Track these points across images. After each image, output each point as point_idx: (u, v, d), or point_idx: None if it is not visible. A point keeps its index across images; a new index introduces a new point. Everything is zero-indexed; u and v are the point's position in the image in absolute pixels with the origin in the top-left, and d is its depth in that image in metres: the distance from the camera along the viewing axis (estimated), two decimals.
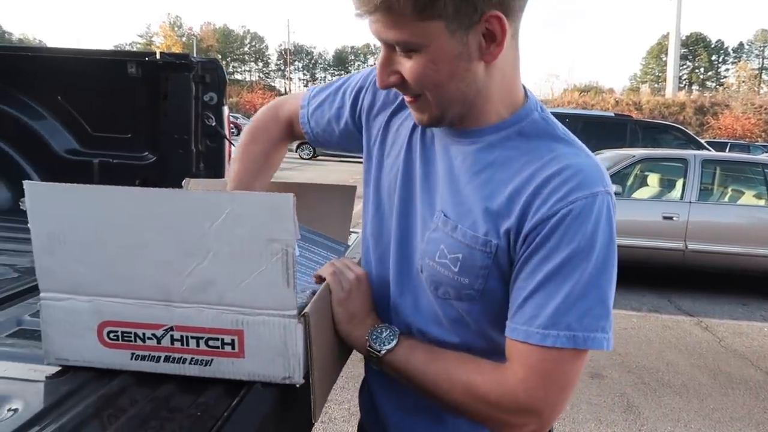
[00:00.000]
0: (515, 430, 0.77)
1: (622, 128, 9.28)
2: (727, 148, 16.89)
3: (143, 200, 0.74)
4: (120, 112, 2.24)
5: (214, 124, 2.18)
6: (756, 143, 21.82)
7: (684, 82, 57.75)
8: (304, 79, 74.90)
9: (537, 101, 0.83)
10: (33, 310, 1.06)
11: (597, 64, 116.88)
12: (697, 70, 62.42)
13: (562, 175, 0.73)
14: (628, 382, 3.56)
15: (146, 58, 2.15)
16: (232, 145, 2.30)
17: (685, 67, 59.43)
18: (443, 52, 0.71)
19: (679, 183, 5.68)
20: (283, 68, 72.81)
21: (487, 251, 0.77)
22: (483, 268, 0.77)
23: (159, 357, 0.76)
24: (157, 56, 2.15)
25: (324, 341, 0.82)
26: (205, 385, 0.75)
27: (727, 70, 61.57)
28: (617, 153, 6.34)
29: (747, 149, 18.28)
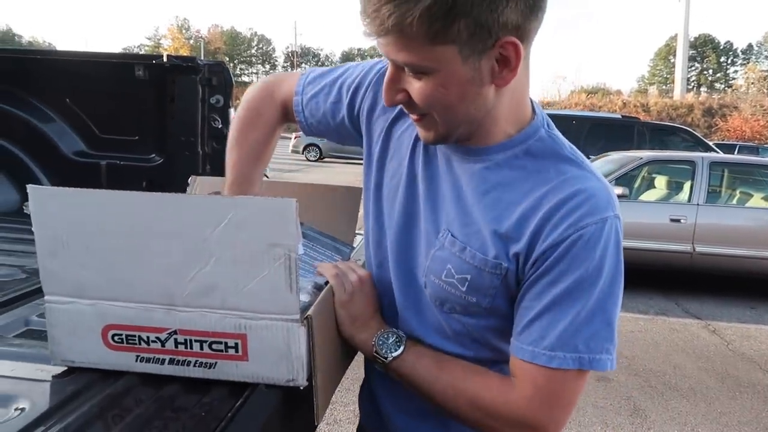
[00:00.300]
0: None
1: (629, 130, 9.25)
2: (736, 151, 16.78)
3: (146, 205, 0.74)
4: (127, 115, 2.25)
5: (220, 126, 2.19)
6: (765, 145, 21.66)
7: (692, 84, 57.46)
8: None
9: (543, 117, 0.82)
10: (40, 311, 1.07)
11: (604, 65, 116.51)
12: (705, 72, 62.09)
13: (573, 201, 0.73)
14: (634, 385, 3.54)
15: (153, 61, 2.17)
16: None
17: (693, 68, 59.13)
18: (454, 77, 0.70)
19: (687, 185, 5.66)
20: (289, 70, 72.87)
21: (496, 273, 0.77)
22: (491, 288, 0.78)
23: (164, 359, 0.77)
24: (165, 59, 2.16)
25: (327, 343, 0.82)
26: (209, 386, 0.76)
27: (735, 71, 61.21)
28: (624, 155, 6.32)
29: (756, 151, 18.15)
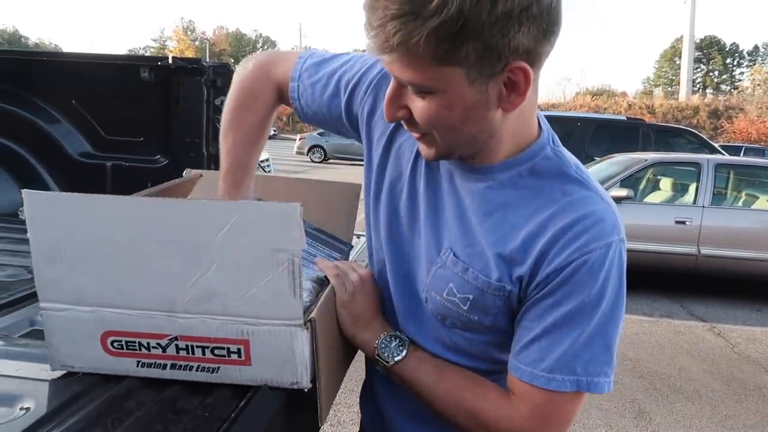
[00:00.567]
0: None
1: (634, 132, 9.20)
2: (742, 152, 16.71)
3: (147, 210, 0.72)
4: (133, 116, 2.26)
5: None
6: None
7: (698, 86, 57.23)
8: None
9: (550, 134, 0.80)
10: None
11: (609, 67, 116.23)
12: (711, 74, 61.86)
13: (579, 225, 0.72)
14: (639, 387, 3.53)
15: (159, 63, 2.18)
16: None
17: (699, 70, 58.91)
18: (459, 99, 0.67)
19: (692, 187, 5.64)
20: None
21: (499, 295, 0.76)
22: (494, 308, 0.78)
23: (165, 365, 0.76)
24: (170, 61, 2.17)
25: (330, 345, 0.82)
26: (212, 387, 0.76)
27: (741, 73, 60.94)
28: (629, 157, 6.30)
29: (762, 153, 18.08)
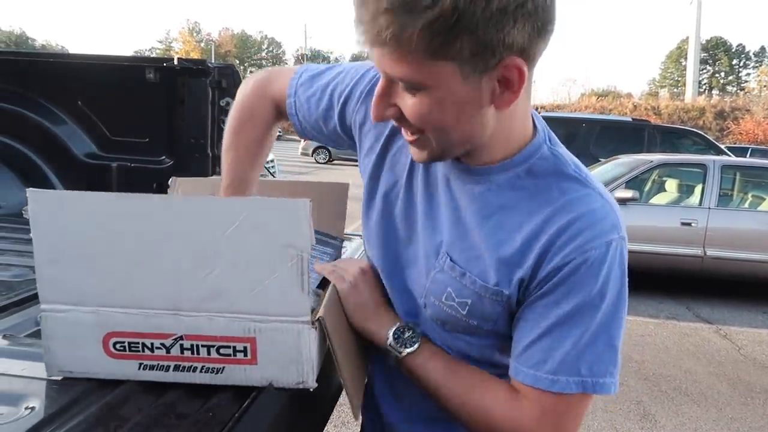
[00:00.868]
0: None
1: (639, 133, 9.18)
2: (748, 154, 16.61)
3: (154, 208, 0.72)
4: (138, 117, 2.27)
5: None
6: None
7: (704, 87, 57.02)
8: None
9: (546, 132, 0.79)
10: None
11: (615, 68, 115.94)
12: (717, 75, 61.60)
13: (578, 224, 0.71)
14: (644, 389, 3.51)
15: (164, 64, 2.19)
16: None
17: (705, 71, 58.68)
18: (452, 96, 0.66)
19: (698, 189, 5.61)
20: None
21: (497, 300, 0.76)
22: (493, 314, 0.77)
23: (168, 366, 0.75)
24: (175, 62, 2.18)
25: (344, 341, 0.82)
26: (212, 391, 0.75)
27: (748, 74, 60.67)
28: (635, 158, 6.28)
29: None
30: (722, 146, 10.55)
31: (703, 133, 10.43)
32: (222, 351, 0.74)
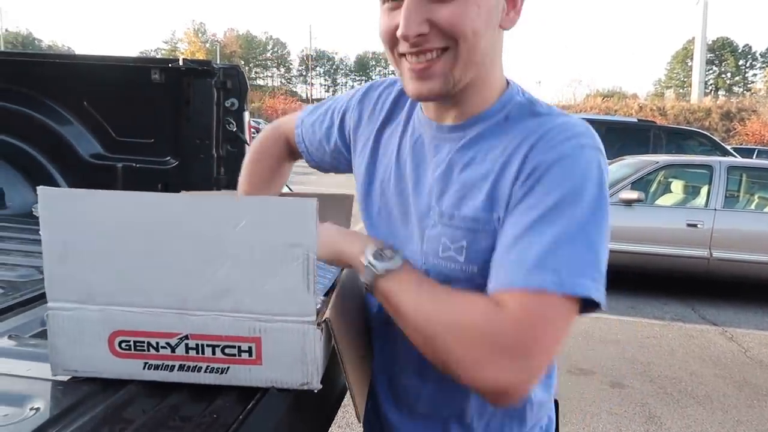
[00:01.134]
0: (500, 378, 0.67)
1: (645, 134, 9.15)
2: (755, 155, 16.54)
3: (162, 206, 0.72)
4: (143, 118, 2.27)
5: (235, 129, 2.20)
6: None
7: (710, 88, 56.78)
8: (325, 85, 75.29)
9: (519, 86, 0.85)
10: None
11: (621, 69, 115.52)
12: (723, 75, 61.34)
13: (549, 134, 0.75)
14: (650, 392, 3.50)
15: (170, 65, 2.19)
16: None
17: (711, 72, 58.45)
18: (485, 0, 0.74)
19: (704, 190, 5.59)
20: (304, 74, 73.30)
21: (488, 229, 0.76)
22: (490, 251, 0.75)
23: (173, 366, 0.75)
24: (181, 63, 2.18)
25: (350, 343, 0.82)
26: (216, 392, 0.75)
27: (754, 75, 60.42)
28: (640, 159, 6.26)
29: None
30: (728, 147, 10.51)
31: (709, 134, 10.39)
32: (227, 351, 0.74)
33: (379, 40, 0.80)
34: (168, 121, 2.24)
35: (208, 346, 0.74)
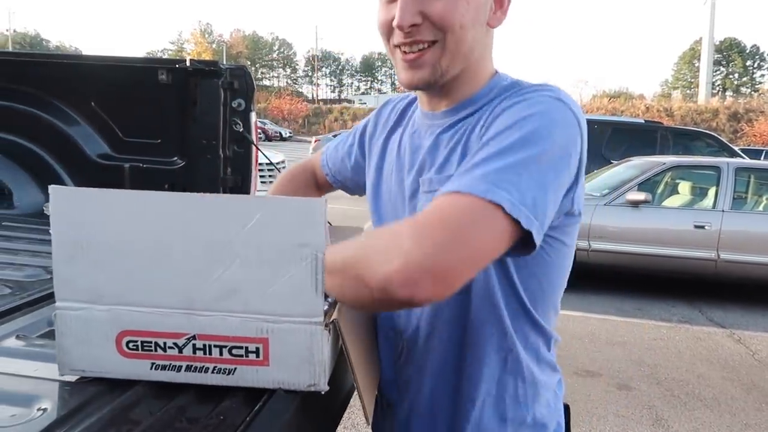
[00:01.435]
0: (409, 263, 0.65)
1: (652, 135, 9.10)
2: (762, 156, 16.43)
3: (171, 206, 0.72)
4: (150, 118, 2.28)
5: (241, 129, 2.20)
6: None
7: (717, 88, 56.51)
8: (331, 85, 75.41)
9: (507, 74, 0.90)
10: None
11: (627, 69, 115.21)
12: (731, 76, 61.05)
13: (519, 89, 0.82)
14: (657, 394, 3.48)
15: (176, 65, 2.19)
16: (259, 151, 2.33)
17: (718, 72, 58.16)
18: None
19: (712, 191, 5.56)
20: (310, 74, 73.46)
21: None
22: None
23: (180, 366, 0.75)
24: (187, 63, 2.18)
25: (358, 345, 0.82)
26: (226, 391, 0.75)
27: (762, 75, 60.11)
28: (647, 160, 6.24)
29: None
30: (736, 148, 10.44)
31: (716, 135, 10.33)
32: (234, 351, 0.74)
33: (378, 33, 0.87)
34: (175, 122, 2.25)
35: (215, 346, 0.74)
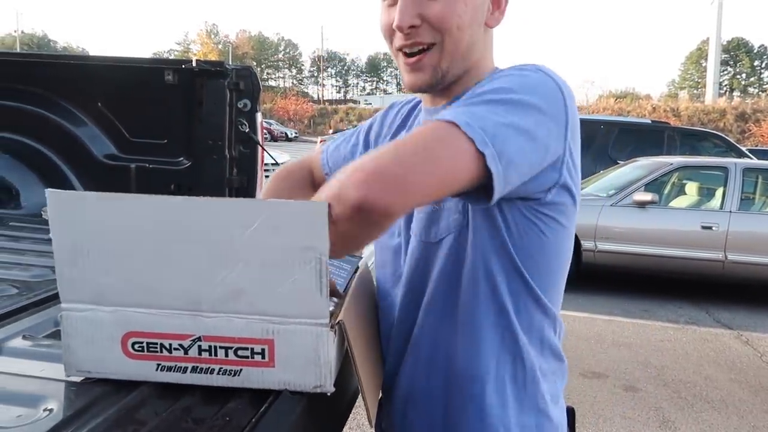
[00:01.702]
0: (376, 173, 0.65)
1: (659, 135, 9.05)
2: None
3: (174, 209, 0.72)
4: (156, 118, 2.29)
5: (247, 130, 2.21)
6: None
7: (724, 88, 56.26)
8: (336, 86, 75.49)
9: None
10: None
11: (634, 70, 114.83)
12: (738, 76, 60.75)
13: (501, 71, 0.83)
14: (664, 396, 3.46)
15: (183, 66, 2.20)
16: (265, 151, 2.34)
17: (725, 72, 57.88)
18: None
19: (719, 192, 5.53)
20: (316, 75, 73.57)
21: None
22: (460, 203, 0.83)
23: (186, 368, 0.75)
24: (193, 64, 2.19)
25: (363, 346, 0.82)
26: (232, 392, 0.75)
27: None
28: (654, 161, 6.21)
29: None
30: (744, 149, 10.38)
31: (723, 136, 10.27)
32: (240, 353, 0.74)
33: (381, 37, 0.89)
34: (181, 122, 2.25)
35: (221, 347, 0.74)
